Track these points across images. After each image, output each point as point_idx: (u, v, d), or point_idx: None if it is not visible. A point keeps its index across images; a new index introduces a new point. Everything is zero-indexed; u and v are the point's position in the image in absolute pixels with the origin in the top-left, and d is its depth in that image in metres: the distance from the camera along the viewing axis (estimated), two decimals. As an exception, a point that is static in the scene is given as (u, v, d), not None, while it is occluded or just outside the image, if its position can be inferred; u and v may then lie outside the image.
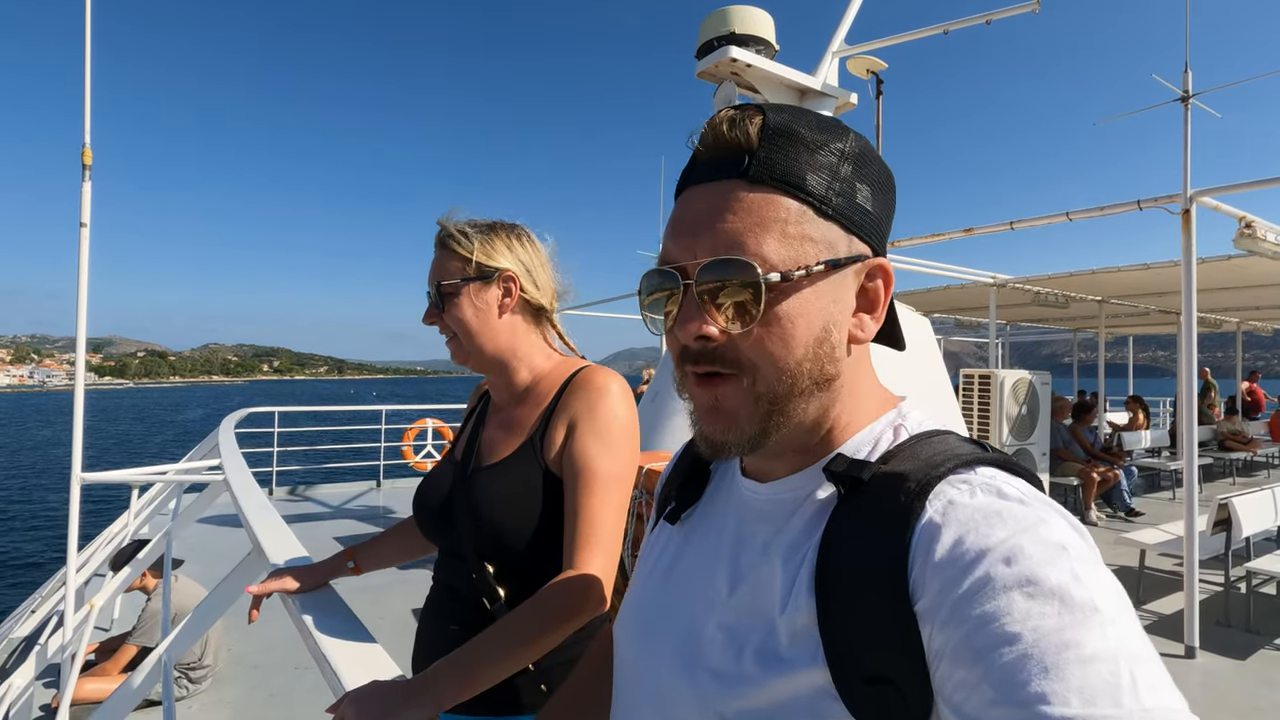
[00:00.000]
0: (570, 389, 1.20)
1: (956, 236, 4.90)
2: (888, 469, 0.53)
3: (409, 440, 10.42)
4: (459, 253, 1.22)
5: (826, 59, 5.69)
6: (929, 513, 0.49)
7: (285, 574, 1.29)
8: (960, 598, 0.44)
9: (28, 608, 5.16)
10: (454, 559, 1.22)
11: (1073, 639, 0.40)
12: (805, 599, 0.52)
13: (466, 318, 1.22)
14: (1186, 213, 3.85)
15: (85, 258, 2.82)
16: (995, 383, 6.46)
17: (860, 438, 0.59)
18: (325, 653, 1.06)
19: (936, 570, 0.46)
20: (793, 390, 0.55)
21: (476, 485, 1.19)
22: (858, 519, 0.52)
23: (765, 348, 0.54)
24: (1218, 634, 4.35)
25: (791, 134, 0.55)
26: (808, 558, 0.54)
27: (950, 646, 0.44)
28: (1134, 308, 9.67)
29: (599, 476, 1.11)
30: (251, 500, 1.92)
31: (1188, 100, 4.00)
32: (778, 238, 0.53)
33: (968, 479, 0.51)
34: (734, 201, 0.54)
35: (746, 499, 0.64)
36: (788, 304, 0.54)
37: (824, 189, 0.55)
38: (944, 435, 0.57)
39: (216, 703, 3.47)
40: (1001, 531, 0.46)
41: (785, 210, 0.54)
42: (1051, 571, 0.43)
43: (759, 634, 0.55)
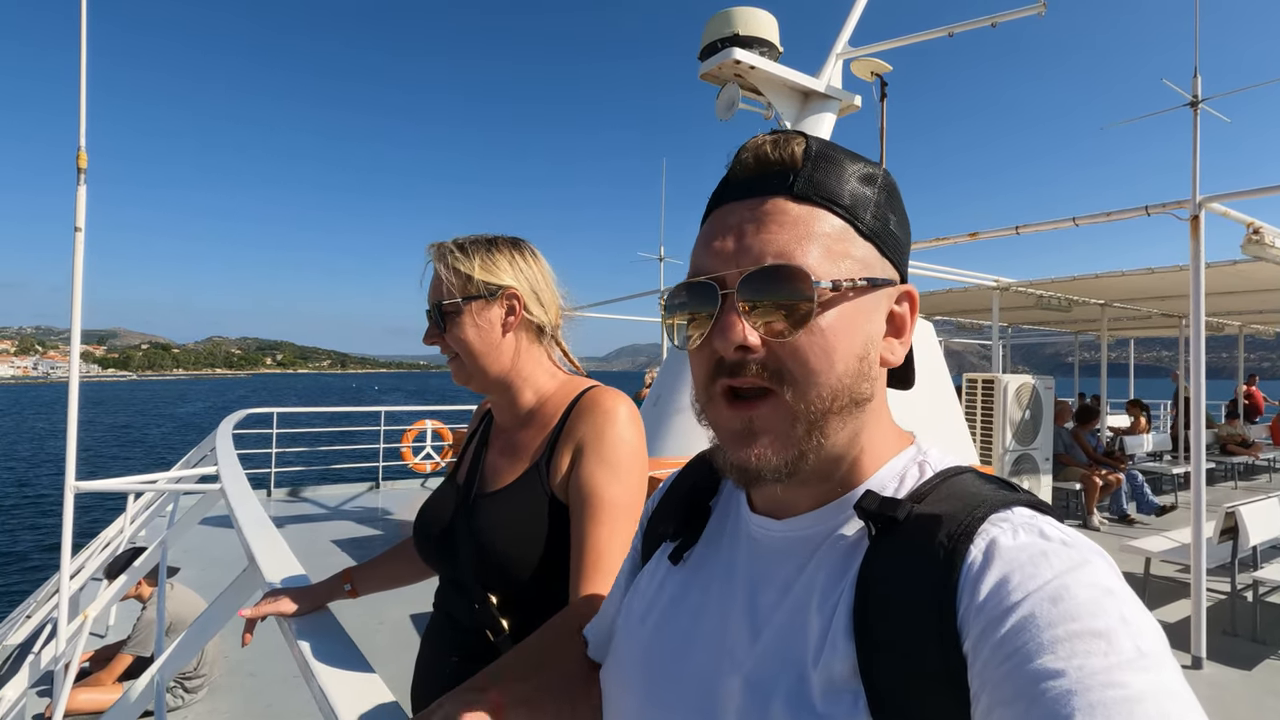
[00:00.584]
0: (576, 412, 1.15)
1: (962, 241, 4.86)
2: (924, 509, 0.52)
3: (408, 441, 10.38)
4: (460, 270, 1.17)
5: (830, 61, 5.65)
6: (973, 553, 0.48)
7: (281, 596, 1.25)
8: (1005, 635, 0.44)
9: (22, 613, 5.11)
10: (455, 587, 1.18)
11: (1120, 679, 0.40)
12: (843, 643, 0.50)
13: (469, 338, 1.17)
14: (1195, 219, 3.81)
15: (80, 261, 2.77)
16: (999, 387, 6.43)
17: (884, 473, 0.58)
18: (322, 685, 1.02)
19: (981, 610, 0.46)
20: (832, 408, 0.54)
21: (479, 512, 1.15)
22: (897, 559, 0.51)
23: (809, 360, 0.53)
24: (1224, 644, 4.32)
25: (831, 158, 0.57)
26: (843, 600, 0.52)
27: (992, 683, 0.43)
28: (1136, 311, 9.65)
29: (606, 505, 1.07)
30: (248, 513, 1.87)
31: (1197, 105, 3.96)
32: (822, 251, 0.54)
33: (1008, 518, 0.50)
34: (780, 215, 0.55)
35: (759, 536, 0.62)
36: (832, 316, 0.54)
37: (863, 211, 0.56)
38: (969, 474, 0.57)
39: (212, 712, 3.42)
40: (1048, 572, 0.46)
41: (830, 225, 0.55)
42: (1099, 613, 0.43)
43: (788, 683, 0.52)
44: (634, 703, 0.65)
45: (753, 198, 0.56)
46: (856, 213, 0.56)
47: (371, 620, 4.20)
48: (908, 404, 1.87)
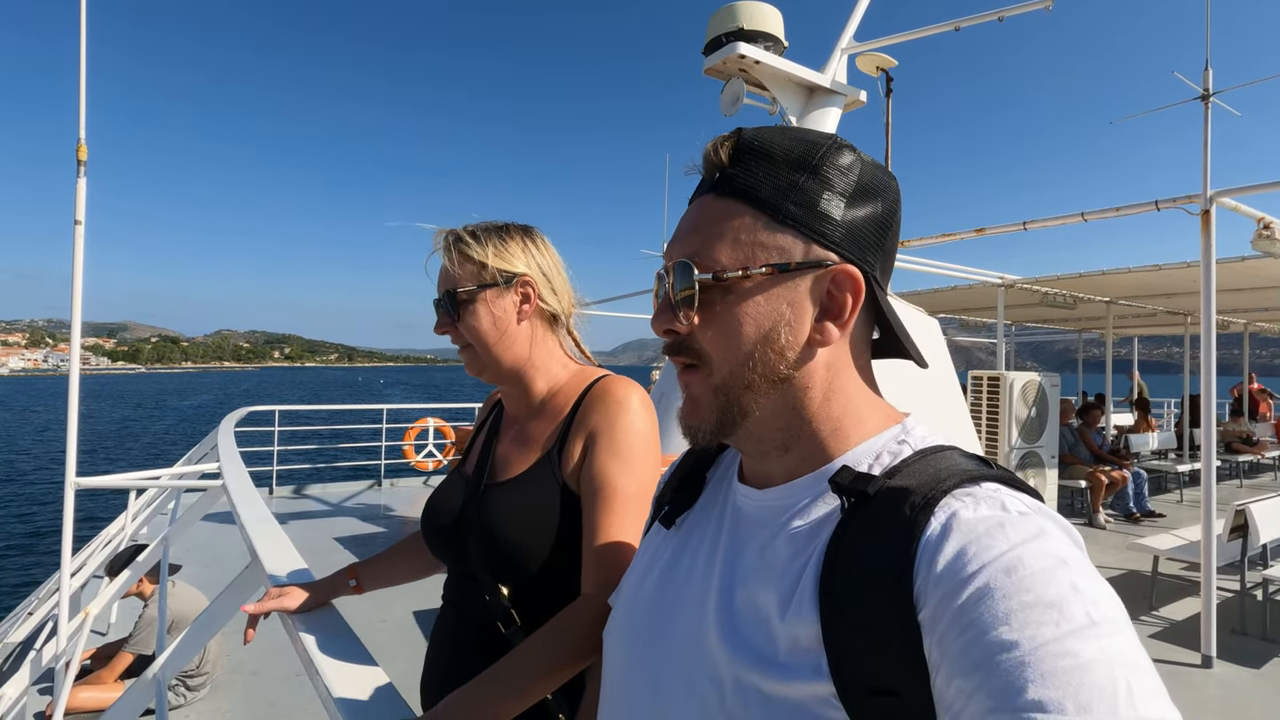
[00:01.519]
0: (588, 401, 1.13)
1: (968, 237, 4.82)
2: (893, 483, 0.54)
3: (410, 439, 10.36)
4: (473, 257, 1.14)
5: (836, 56, 5.61)
6: (933, 525, 0.50)
7: (284, 592, 1.22)
8: (961, 607, 0.45)
9: (24, 610, 5.09)
10: (465, 579, 1.15)
11: (1070, 648, 0.41)
12: (809, 608, 0.53)
13: (483, 327, 1.14)
14: (1206, 214, 3.77)
15: (80, 254, 2.74)
16: (1004, 385, 6.38)
17: (862, 450, 0.60)
18: (326, 680, 0.99)
19: (939, 581, 0.47)
20: (743, 383, 0.59)
21: (490, 502, 1.12)
22: (863, 531, 0.53)
23: (715, 342, 0.60)
24: (1233, 642, 4.28)
25: (759, 151, 0.60)
26: (810, 567, 0.55)
27: (949, 655, 0.44)
28: (1142, 308, 9.60)
29: (618, 494, 1.05)
30: (251, 510, 1.85)
31: (1208, 99, 3.92)
32: (730, 244, 0.59)
33: (972, 492, 0.51)
34: (701, 213, 0.62)
35: (741, 504, 0.65)
36: (735, 303, 0.59)
37: (780, 199, 0.59)
38: (948, 451, 0.58)
39: (215, 711, 3.40)
40: (1003, 543, 0.47)
41: (739, 220, 0.59)
42: (1051, 583, 0.44)
43: (757, 640, 0.55)
44: (620, 657, 0.69)
45: (696, 197, 0.64)
46: (775, 203, 0.58)
47: (375, 617, 4.18)
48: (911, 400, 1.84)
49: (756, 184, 0.59)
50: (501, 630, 1.08)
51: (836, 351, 0.61)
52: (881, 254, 0.62)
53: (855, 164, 0.60)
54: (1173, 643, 4.28)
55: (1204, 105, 3.92)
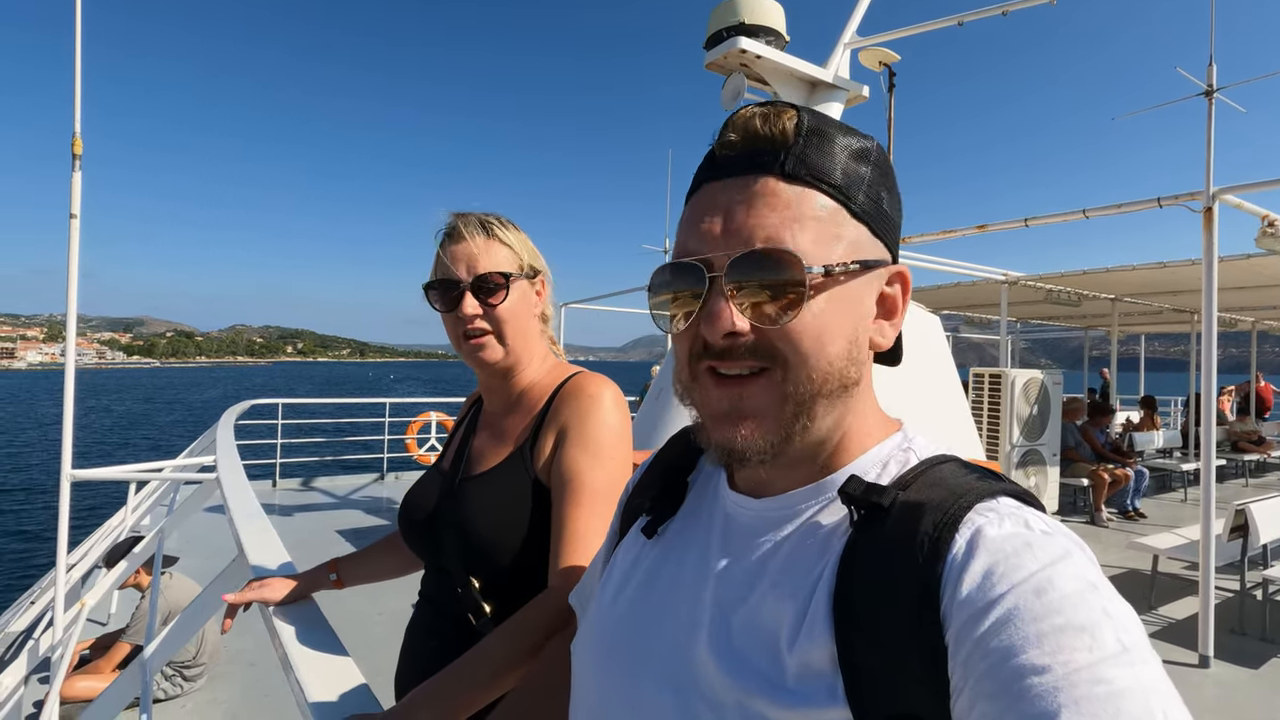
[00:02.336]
0: (561, 397, 1.13)
1: (969, 233, 4.80)
2: (909, 496, 0.51)
3: (413, 433, 10.39)
4: (509, 244, 1.15)
5: (838, 51, 5.58)
6: (959, 542, 0.48)
7: (265, 584, 1.23)
8: (990, 628, 0.43)
9: (26, 599, 5.14)
10: (439, 573, 1.16)
11: (1104, 675, 0.40)
12: (823, 627, 0.49)
13: (514, 314, 1.15)
14: (1209, 211, 3.74)
15: (75, 249, 2.76)
16: (1006, 382, 6.36)
17: (867, 459, 0.57)
18: (298, 672, 1.00)
19: (967, 601, 0.45)
20: (822, 390, 0.54)
21: (463, 496, 1.13)
22: (881, 546, 0.50)
23: (801, 343, 0.52)
24: (1232, 642, 4.26)
25: (824, 134, 0.55)
26: (823, 584, 0.51)
27: (975, 676, 0.43)
28: (1147, 306, 9.53)
29: (586, 488, 1.05)
30: (240, 503, 1.86)
31: (1212, 95, 3.88)
32: (814, 234, 0.53)
33: (994, 508, 0.50)
34: (770, 195, 0.53)
35: (734, 514, 0.61)
36: (824, 300, 0.53)
37: (856, 190, 0.55)
38: (952, 462, 0.56)
39: (211, 702, 3.43)
40: (1033, 564, 0.45)
41: (822, 207, 0.53)
42: (1082, 607, 0.43)
43: (762, 663, 0.52)
44: (596, 673, 0.64)
45: (742, 176, 0.54)
46: (849, 192, 0.54)
47: (371, 610, 4.20)
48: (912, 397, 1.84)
49: (834, 170, 0.54)
50: (473, 623, 1.09)
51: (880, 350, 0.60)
52: None
53: (889, 160, 0.58)
54: (1171, 642, 4.26)
55: (1208, 101, 3.88)
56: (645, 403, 4.89)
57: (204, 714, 3.32)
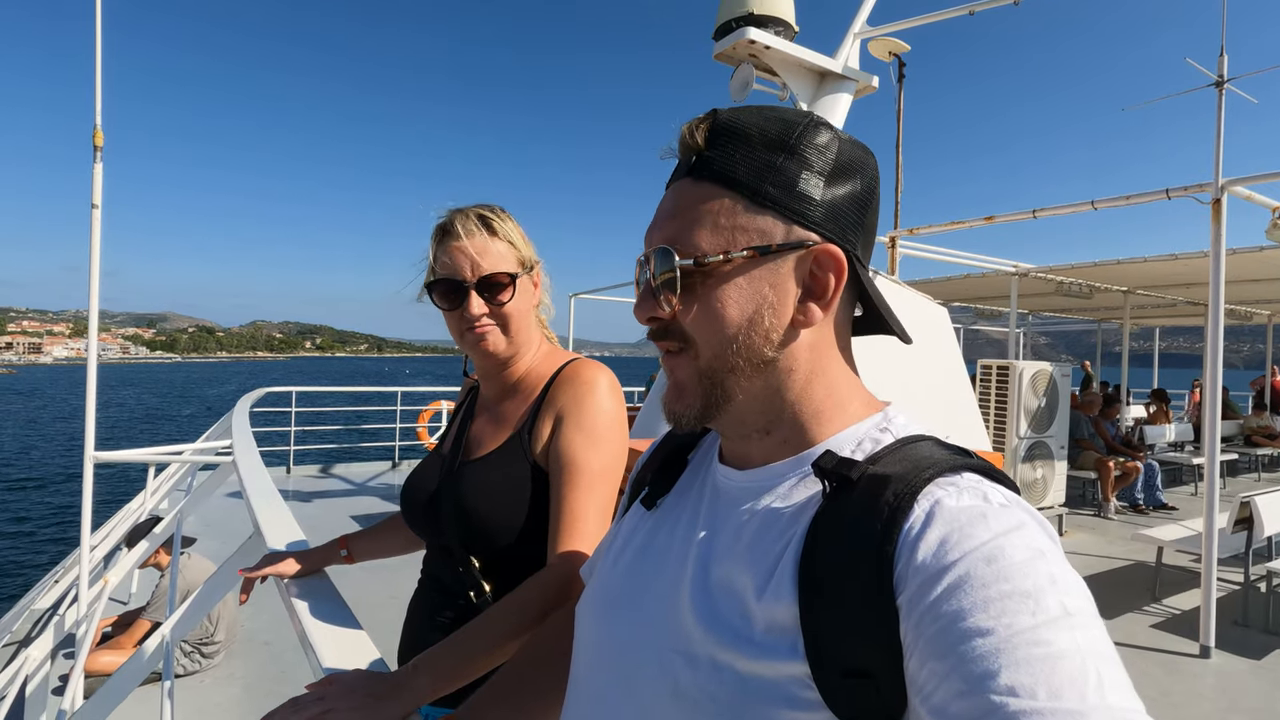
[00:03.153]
0: (558, 382, 1.18)
1: (977, 224, 4.80)
2: (876, 470, 0.54)
3: (424, 421, 10.51)
4: (510, 240, 1.18)
5: (848, 41, 5.56)
6: (916, 512, 0.50)
7: (280, 559, 1.29)
8: (940, 593, 0.46)
9: (51, 578, 5.29)
10: (441, 552, 1.21)
11: (1044, 637, 0.42)
12: (788, 590, 0.53)
13: (519, 309, 1.18)
14: (1217, 202, 3.73)
15: (97, 238, 2.84)
16: (1014, 374, 6.35)
17: (844, 436, 0.61)
18: (309, 636, 1.06)
19: (920, 567, 0.48)
20: (726, 367, 0.59)
21: (463, 478, 1.18)
22: (846, 516, 0.53)
23: (700, 326, 0.60)
24: (1234, 634, 4.28)
25: (736, 133, 0.59)
26: (790, 549, 0.55)
27: (925, 638, 0.45)
28: (1161, 299, 9.45)
29: (584, 471, 1.09)
30: (256, 483, 1.93)
31: (1222, 85, 3.86)
32: (710, 228, 0.59)
33: (955, 482, 0.52)
34: (679, 198, 0.61)
35: (721, 485, 0.66)
36: (718, 287, 0.59)
37: (757, 181, 0.58)
38: (928, 440, 0.59)
39: (228, 678, 3.54)
40: (984, 533, 0.47)
41: (719, 204, 0.59)
42: (1029, 574, 0.45)
43: (733, 619, 0.56)
44: (592, 630, 0.70)
45: (672, 181, 0.63)
46: (752, 185, 0.58)
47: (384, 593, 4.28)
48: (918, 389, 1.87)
49: (734, 166, 0.58)
50: (473, 600, 1.14)
51: (819, 332, 0.61)
52: (862, 231, 0.62)
53: (832, 142, 0.59)
54: (1173, 633, 4.28)
55: (1218, 92, 3.86)
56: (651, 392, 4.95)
57: (222, 689, 3.43)
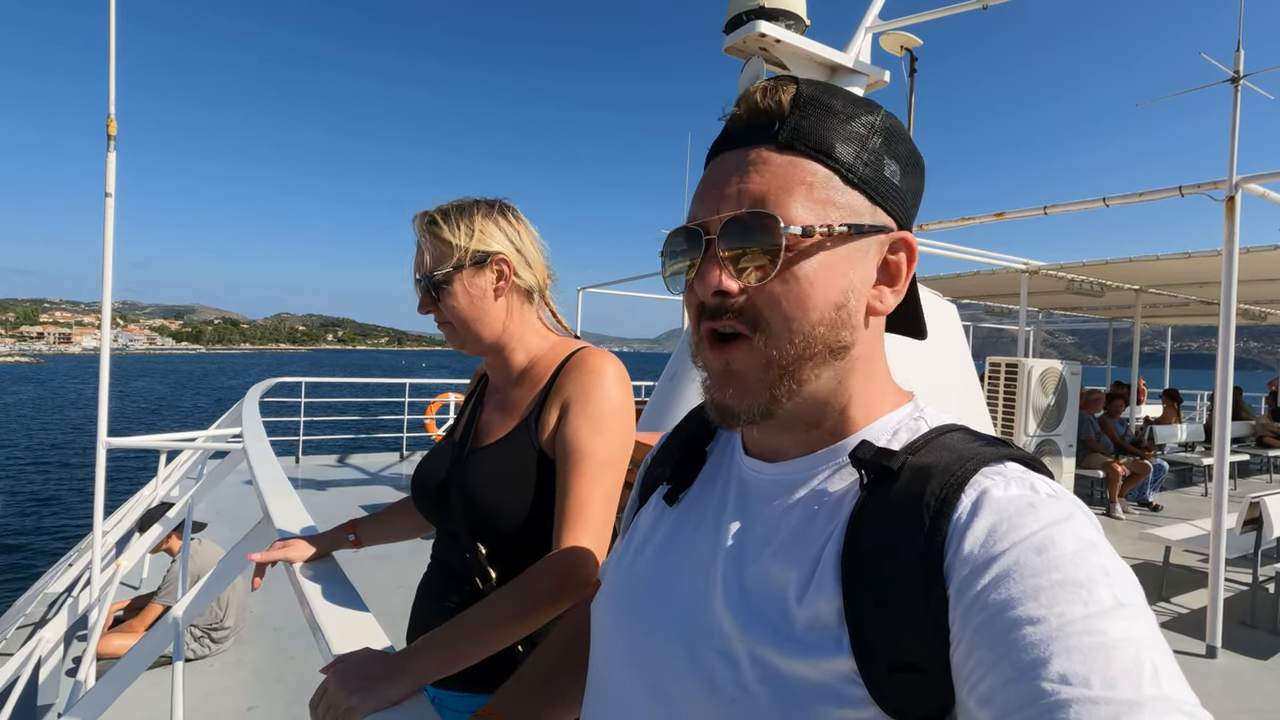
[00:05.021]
0: (565, 371, 1.18)
1: (987, 221, 4.77)
2: (918, 460, 0.53)
3: (431, 413, 10.56)
4: (446, 239, 1.18)
5: (859, 34, 5.52)
6: (964, 502, 0.49)
7: (289, 544, 1.31)
8: (989, 582, 0.45)
9: (64, 562, 5.37)
10: (449, 538, 1.22)
11: (1098, 627, 0.41)
12: (830, 585, 0.52)
13: (461, 306, 1.19)
14: (1231, 200, 3.69)
15: (110, 226, 2.87)
16: (1023, 372, 6.32)
17: (878, 426, 0.59)
18: (318, 620, 1.08)
19: (969, 556, 0.47)
20: (805, 354, 0.55)
21: (471, 465, 1.19)
22: (888, 508, 0.52)
23: (781, 306, 0.54)
24: (1241, 634, 4.26)
25: (822, 104, 0.56)
26: (832, 542, 0.53)
27: (973, 627, 0.44)
28: (1173, 298, 9.36)
29: (589, 459, 1.10)
30: (266, 470, 1.95)
31: (1238, 81, 3.81)
32: (802, 199, 0.54)
33: (1001, 472, 0.51)
34: (761, 164, 0.55)
35: (749, 479, 0.63)
36: (807, 264, 0.54)
37: (851, 158, 0.56)
38: (963, 430, 0.57)
39: (237, 663, 3.58)
40: (1034, 523, 0.46)
41: (812, 174, 0.55)
42: (1081, 564, 0.44)
43: (773, 616, 0.54)
44: (613, 626, 0.67)
45: (741, 148, 0.57)
46: (844, 160, 0.55)
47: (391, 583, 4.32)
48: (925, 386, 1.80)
49: (830, 137, 0.55)
50: (479, 586, 1.16)
51: (880, 321, 0.61)
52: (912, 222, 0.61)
53: (905, 134, 0.59)
54: (1179, 632, 4.26)
55: (1233, 88, 3.82)
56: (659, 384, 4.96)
57: (231, 674, 3.48)
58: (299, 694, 3.31)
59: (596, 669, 0.70)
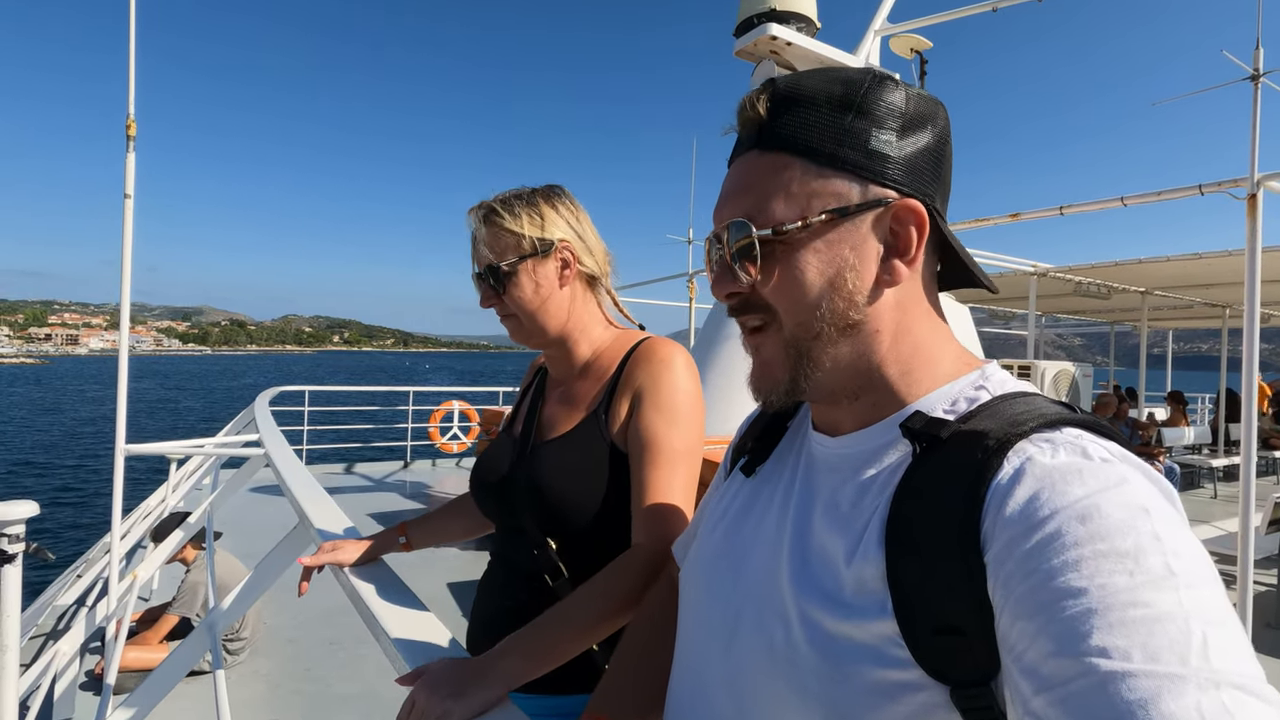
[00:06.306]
0: (633, 361, 1.15)
1: (1002, 222, 4.75)
2: (967, 427, 0.53)
3: (435, 422, 10.50)
4: (510, 228, 1.15)
5: (869, 37, 5.54)
6: (1006, 468, 0.49)
7: (337, 547, 1.26)
8: (1029, 550, 0.44)
9: (73, 572, 5.28)
10: (514, 535, 1.18)
11: (1144, 599, 0.39)
12: (875, 550, 0.53)
13: (527, 297, 1.16)
14: (1253, 198, 3.67)
15: (129, 228, 2.83)
16: (1035, 374, 6.30)
17: (936, 395, 0.59)
18: (384, 624, 1.03)
19: (1008, 523, 0.46)
20: (815, 334, 0.59)
21: (539, 459, 1.15)
22: (934, 474, 0.52)
23: (783, 294, 0.59)
24: (1269, 637, 4.23)
25: (797, 99, 0.59)
26: (879, 510, 0.55)
27: (1014, 597, 0.44)
28: (1178, 300, 9.37)
29: (665, 450, 1.07)
30: (294, 474, 1.91)
31: (1258, 79, 3.81)
32: (783, 196, 0.58)
33: (1051, 438, 0.50)
34: (748, 170, 0.61)
35: (815, 452, 0.66)
36: (796, 255, 0.58)
37: (830, 144, 0.57)
38: (1031, 396, 0.56)
39: (253, 674, 3.51)
40: (1080, 489, 0.45)
41: (789, 171, 0.58)
42: (1129, 532, 0.42)
43: (825, 581, 0.56)
44: (696, 595, 0.71)
45: (737, 158, 0.63)
46: (824, 147, 0.57)
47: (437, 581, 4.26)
48: None
49: (801, 132, 0.58)
50: (549, 582, 1.12)
51: (905, 290, 0.60)
52: (939, 184, 0.60)
53: (900, 95, 0.58)
54: (1204, 635, 4.23)
55: (1254, 85, 3.81)
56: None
57: (248, 686, 3.41)
58: (316, 706, 3.25)
59: (683, 632, 0.73)
